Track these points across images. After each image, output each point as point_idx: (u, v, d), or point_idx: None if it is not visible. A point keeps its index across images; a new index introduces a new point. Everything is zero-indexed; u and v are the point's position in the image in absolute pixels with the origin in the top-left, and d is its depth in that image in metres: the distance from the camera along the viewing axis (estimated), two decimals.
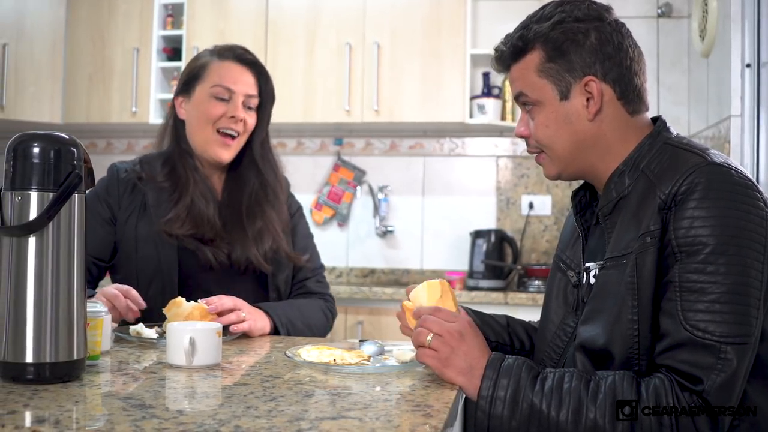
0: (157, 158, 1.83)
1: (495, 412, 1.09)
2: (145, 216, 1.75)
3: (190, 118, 1.80)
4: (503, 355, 1.15)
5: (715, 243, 1.06)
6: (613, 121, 1.24)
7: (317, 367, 1.27)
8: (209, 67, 1.79)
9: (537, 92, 1.26)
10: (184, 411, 0.99)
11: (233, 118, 1.76)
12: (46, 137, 1.09)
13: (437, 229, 3.87)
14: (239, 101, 1.78)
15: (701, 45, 3.08)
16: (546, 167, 1.31)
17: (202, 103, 1.78)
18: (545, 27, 1.24)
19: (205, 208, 1.76)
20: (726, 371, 1.03)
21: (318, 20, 3.63)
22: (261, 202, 1.82)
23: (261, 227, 1.79)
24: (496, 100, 3.66)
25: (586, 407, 1.05)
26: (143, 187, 1.78)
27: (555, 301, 1.35)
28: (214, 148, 1.77)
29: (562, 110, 1.24)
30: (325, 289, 1.93)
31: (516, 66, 1.29)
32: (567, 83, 1.23)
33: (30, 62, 3.70)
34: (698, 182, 1.08)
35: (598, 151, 1.25)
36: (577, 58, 1.23)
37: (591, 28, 1.23)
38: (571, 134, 1.25)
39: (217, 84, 1.77)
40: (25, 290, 1.06)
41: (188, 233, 1.72)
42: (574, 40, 1.22)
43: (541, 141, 1.28)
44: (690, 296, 1.06)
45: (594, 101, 1.23)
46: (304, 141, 4.01)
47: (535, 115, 1.27)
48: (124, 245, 1.76)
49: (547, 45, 1.24)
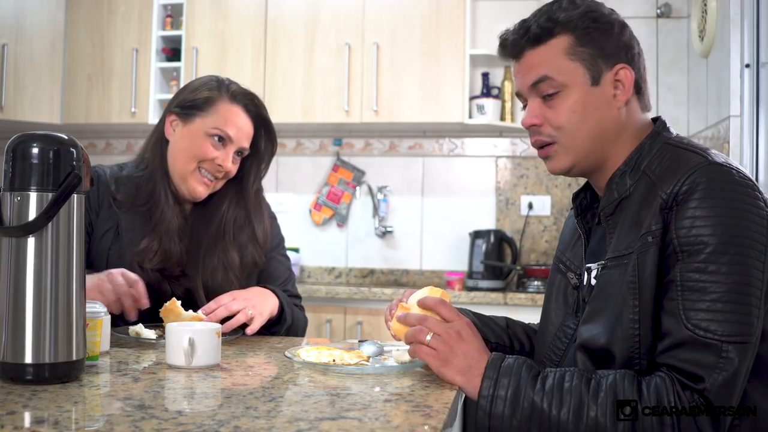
0: (135, 178, 1.75)
1: (496, 411, 1.09)
2: (118, 241, 1.69)
3: (178, 144, 1.73)
4: (503, 355, 1.15)
5: (717, 242, 1.06)
6: (633, 114, 1.26)
7: (316, 368, 1.27)
8: (217, 105, 1.71)
9: (567, 75, 1.23)
10: (184, 411, 0.99)
11: (220, 166, 1.71)
12: (45, 138, 1.09)
13: (436, 229, 3.87)
14: (232, 151, 1.72)
15: (700, 45, 3.08)
16: (557, 159, 1.27)
17: (195, 138, 1.70)
18: (575, 14, 1.23)
19: (176, 244, 1.70)
20: (727, 370, 1.03)
21: (317, 21, 3.63)
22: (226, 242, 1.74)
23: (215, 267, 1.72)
24: (496, 101, 3.66)
25: (587, 406, 1.05)
26: (117, 210, 1.71)
27: (555, 303, 1.35)
28: (192, 183, 1.71)
29: (591, 96, 1.23)
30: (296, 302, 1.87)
31: (536, 50, 1.25)
32: (599, 69, 1.23)
33: (29, 62, 3.70)
34: (699, 182, 1.09)
35: (615, 142, 1.25)
36: (609, 46, 1.23)
37: (617, 23, 1.25)
38: (598, 121, 1.23)
39: (219, 128, 1.70)
40: (24, 291, 1.06)
41: (156, 267, 1.68)
42: (605, 30, 1.24)
43: (564, 126, 1.23)
44: (691, 295, 1.06)
45: (624, 90, 1.23)
46: (304, 141, 4.01)
47: (559, 102, 1.23)
48: (95, 261, 1.69)
49: (577, 31, 1.23)
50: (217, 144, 1.70)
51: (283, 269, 1.88)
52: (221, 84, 1.75)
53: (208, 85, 1.75)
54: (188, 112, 1.72)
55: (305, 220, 3.97)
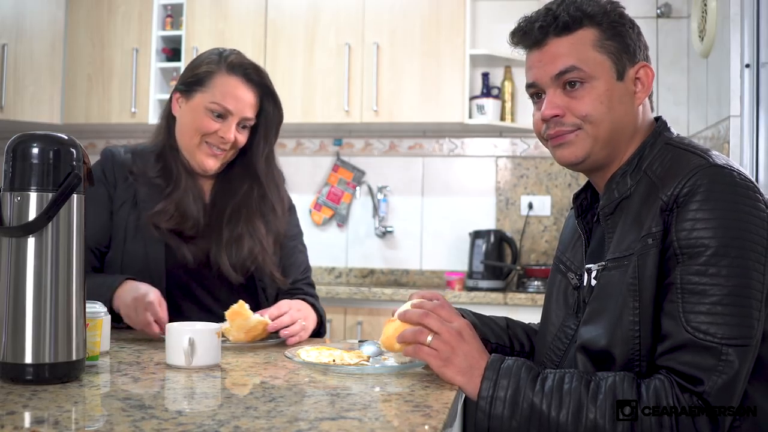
0: (150, 152, 1.80)
1: (495, 412, 1.09)
2: (135, 210, 1.74)
3: (182, 120, 1.77)
4: (503, 356, 1.15)
5: (717, 245, 1.06)
6: (646, 114, 1.27)
7: (316, 368, 1.27)
8: (214, 78, 1.73)
9: (596, 67, 1.22)
10: (184, 411, 0.99)
11: (222, 138, 1.72)
12: (45, 138, 1.09)
13: (436, 229, 3.87)
14: (234, 123, 1.73)
15: (701, 45, 3.08)
16: (575, 146, 1.23)
17: (196, 113, 1.73)
18: (601, 8, 1.23)
19: (192, 205, 1.74)
20: (727, 373, 1.03)
21: (317, 21, 3.63)
22: (250, 211, 1.79)
23: (241, 233, 1.75)
24: (496, 101, 3.66)
25: (586, 408, 1.05)
26: (134, 182, 1.76)
27: (555, 304, 1.35)
28: (199, 157, 1.74)
29: (617, 89, 1.23)
30: (315, 293, 1.92)
31: (563, 39, 1.23)
32: (623, 64, 1.23)
33: (29, 62, 3.70)
34: (700, 184, 1.08)
35: (629, 138, 1.25)
36: (631, 43, 1.24)
37: (635, 25, 1.26)
38: (622, 115, 1.23)
39: (217, 101, 1.71)
40: (24, 291, 1.06)
41: (172, 227, 1.71)
42: (630, 27, 1.25)
43: (590, 115, 1.21)
44: (691, 298, 1.06)
45: (644, 88, 1.24)
46: (304, 141, 4.01)
47: (584, 92, 1.22)
48: (115, 233, 1.74)
49: (603, 24, 1.23)
50: (218, 116, 1.73)
51: (303, 258, 1.94)
52: (220, 57, 1.77)
53: (208, 60, 1.77)
54: (190, 88, 1.76)
55: (305, 220, 3.96)
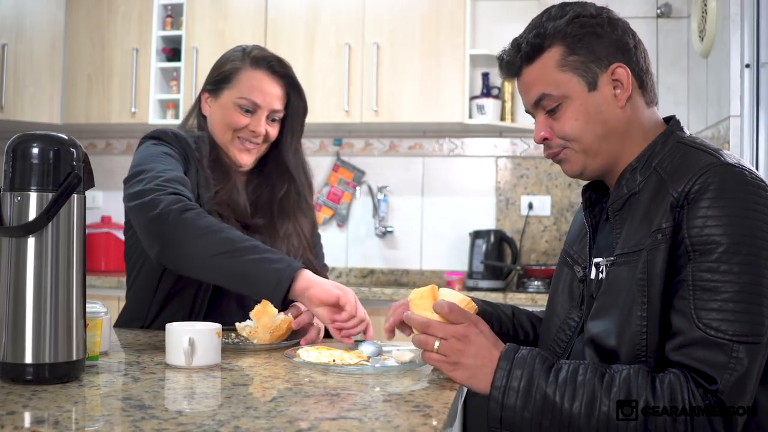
0: (206, 142, 1.80)
1: (508, 402, 1.09)
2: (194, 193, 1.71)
3: (213, 118, 1.80)
4: (517, 347, 1.15)
5: (729, 243, 1.06)
6: (639, 109, 1.26)
7: (316, 368, 1.27)
8: (239, 75, 1.76)
9: (562, 88, 1.24)
10: (184, 411, 0.99)
11: (254, 132, 1.76)
12: (45, 138, 1.09)
13: (436, 229, 3.87)
14: (263, 116, 1.77)
15: (701, 45, 3.08)
16: (570, 162, 1.28)
17: (226, 110, 1.76)
18: (562, 23, 1.24)
19: (240, 198, 1.77)
20: (738, 370, 1.03)
21: (317, 21, 3.63)
22: (293, 206, 1.84)
23: (289, 229, 1.81)
24: (496, 101, 3.66)
25: (599, 400, 1.06)
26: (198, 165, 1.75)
27: (561, 296, 1.35)
28: (233, 152, 1.78)
29: (591, 101, 1.23)
30: None
31: (531, 67, 1.26)
32: (594, 74, 1.23)
33: (29, 62, 3.70)
34: (711, 182, 1.09)
35: (625, 140, 1.25)
36: (600, 48, 1.23)
37: (606, 22, 1.25)
38: (602, 124, 1.24)
39: (245, 96, 1.74)
40: (24, 291, 1.06)
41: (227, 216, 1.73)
42: (594, 33, 1.24)
43: (569, 135, 1.25)
44: (703, 295, 1.06)
45: (624, 88, 1.24)
46: (304, 141, 3.95)
47: (561, 113, 1.25)
48: None
49: (566, 40, 1.23)
50: (247, 111, 1.76)
51: (322, 251, 1.99)
52: (244, 53, 1.80)
53: (232, 57, 1.80)
54: (217, 87, 1.79)
55: None
